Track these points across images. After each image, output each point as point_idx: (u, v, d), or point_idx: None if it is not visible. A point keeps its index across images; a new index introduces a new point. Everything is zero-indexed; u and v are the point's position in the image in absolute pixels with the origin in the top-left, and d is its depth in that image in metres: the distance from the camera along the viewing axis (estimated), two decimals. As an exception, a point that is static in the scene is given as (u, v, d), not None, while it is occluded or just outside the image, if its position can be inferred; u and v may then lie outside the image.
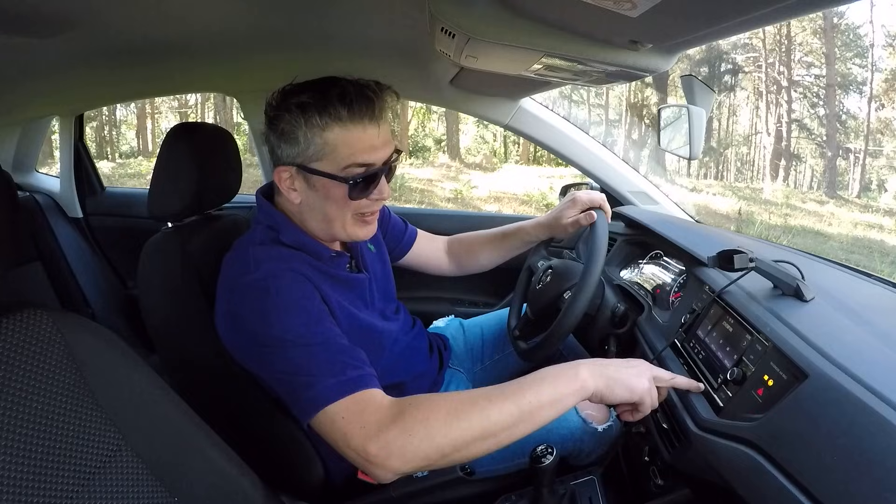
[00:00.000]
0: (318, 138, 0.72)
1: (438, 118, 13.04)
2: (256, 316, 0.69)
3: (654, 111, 12.71)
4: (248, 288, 0.71)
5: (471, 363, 1.18)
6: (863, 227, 8.43)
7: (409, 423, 0.61)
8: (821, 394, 0.53)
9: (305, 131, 0.72)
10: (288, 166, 0.75)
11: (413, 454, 0.60)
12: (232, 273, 0.76)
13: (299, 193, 0.77)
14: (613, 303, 1.00)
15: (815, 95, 12.63)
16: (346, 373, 0.66)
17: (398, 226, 1.11)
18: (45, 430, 0.45)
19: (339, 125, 0.71)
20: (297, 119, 0.71)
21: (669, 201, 1.46)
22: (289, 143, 0.73)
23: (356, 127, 0.72)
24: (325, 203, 0.76)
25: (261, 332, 0.69)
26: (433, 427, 0.61)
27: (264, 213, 0.82)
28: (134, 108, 13.43)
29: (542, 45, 0.71)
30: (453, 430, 0.61)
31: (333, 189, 0.74)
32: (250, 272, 0.73)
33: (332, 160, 0.73)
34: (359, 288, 0.88)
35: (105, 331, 0.54)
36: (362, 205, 0.77)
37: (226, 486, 0.59)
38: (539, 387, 0.64)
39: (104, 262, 1.84)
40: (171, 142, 0.92)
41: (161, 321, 0.87)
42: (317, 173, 0.73)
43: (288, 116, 0.72)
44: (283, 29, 1.07)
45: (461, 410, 0.62)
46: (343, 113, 0.70)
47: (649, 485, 0.85)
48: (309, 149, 0.72)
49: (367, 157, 0.73)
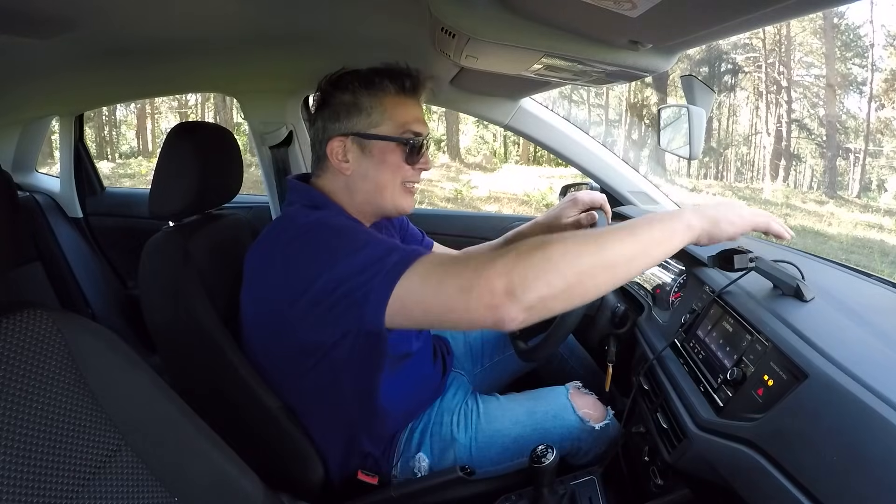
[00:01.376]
0: (380, 105, 0.79)
1: (438, 118, 13.03)
2: (319, 248, 0.67)
3: (654, 111, 12.71)
4: (302, 229, 0.70)
5: (471, 364, 1.18)
6: (863, 227, 8.42)
7: (523, 250, 0.59)
8: (821, 394, 0.53)
9: (369, 98, 0.79)
10: (342, 137, 0.80)
11: (534, 280, 0.56)
12: (275, 232, 0.75)
13: (351, 164, 0.81)
14: (613, 303, 1.00)
15: (815, 95, 12.62)
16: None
17: (415, 235, 1.12)
18: (45, 430, 0.45)
19: (400, 96, 0.80)
20: (361, 90, 0.79)
21: (669, 201, 1.46)
22: (348, 115, 0.80)
23: (411, 99, 0.82)
24: (380, 169, 0.81)
25: (326, 255, 0.66)
26: (551, 252, 0.58)
27: (301, 194, 0.82)
28: (134, 108, 13.42)
29: (542, 45, 0.71)
30: (572, 257, 0.58)
31: (390, 154, 0.80)
32: (300, 220, 0.72)
33: (391, 125, 0.80)
34: None
35: (105, 331, 0.54)
36: (411, 172, 0.83)
37: (226, 486, 0.59)
38: (650, 225, 0.64)
39: (104, 262, 1.84)
40: (172, 141, 0.92)
41: (161, 321, 0.87)
42: (377, 137, 0.80)
43: (350, 90, 0.79)
44: (283, 29, 1.07)
45: (576, 243, 0.60)
46: (407, 84, 0.80)
47: (649, 485, 0.85)
48: (372, 115, 0.79)
49: (418, 126, 0.82)
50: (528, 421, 0.93)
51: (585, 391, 1.00)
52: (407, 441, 0.93)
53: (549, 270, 0.57)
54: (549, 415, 0.94)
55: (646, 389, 0.90)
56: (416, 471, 0.90)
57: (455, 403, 0.98)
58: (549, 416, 0.93)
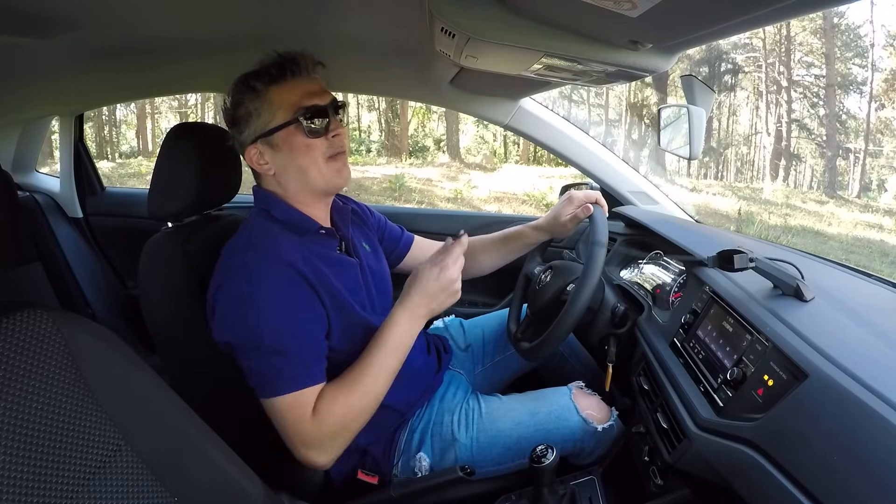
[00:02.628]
0: (264, 103, 0.81)
1: (438, 118, 13.03)
2: (233, 304, 0.76)
3: (654, 111, 12.70)
4: (234, 270, 0.78)
5: (471, 364, 1.18)
6: (863, 226, 8.42)
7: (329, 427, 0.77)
8: (821, 394, 0.53)
9: (253, 101, 0.81)
10: (252, 145, 0.83)
11: (338, 440, 0.78)
12: (226, 253, 0.82)
13: (270, 164, 0.84)
14: (613, 303, 1.00)
15: (815, 95, 12.62)
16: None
17: (394, 231, 1.12)
18: (45, 430, 0.45)
19: (275, 85, 0.81)
20: (243, 96, 0.81)
21: (669, 201, 1.46)
22: (245, 123, 0.82)
23: (293, 80, 0.82)
24: (293, 156, 0.82)
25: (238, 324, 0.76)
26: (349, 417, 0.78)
27: (258, 197, 0.87)
28: (134, 108, 13.42)
29: (542, 45, 0.71)
30: (356, 413, 0.79)
31: (292, 138, 0.81)
32: (240, 254, 0.79)
33: (282, 113, 0.81)
34: (350, 270, 0.89)
35: (105, 331, 0.54)
36: (325, 144, 0.83)
37: (226, 486, 0.59)
38: (395, 351, 0.81)
39: (104, 262, 1.84)
40: (171, 142, 0.92)
41: (161, 321, 0.87)
42: (273, 131, 0.81)
43: (240, 101, 0.82)
44: (283, 29, 1.07)
45: (347, 398, 0.78)
46: (273, 72, 0.81)
47: (649, 485, 0.85)
48: (262, 115, 0.81)
49: (310, 100, 0.81)
50: (530, 422, 0.93)
51: (588, 391, 1.00)
52: (408, 440, 0.93)
53: (348, 431, 0.79)
54: (552, 416, 0.94)
55: (646, 389, 0.90)
56: (417, 470, 0.90)
57: (455, 403, 0.98)
58: (552, 417, 0.93)
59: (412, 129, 13.25)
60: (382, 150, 12.79)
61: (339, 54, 1.19)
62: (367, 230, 1.04)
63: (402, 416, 0.95)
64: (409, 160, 11.17)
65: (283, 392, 0.74)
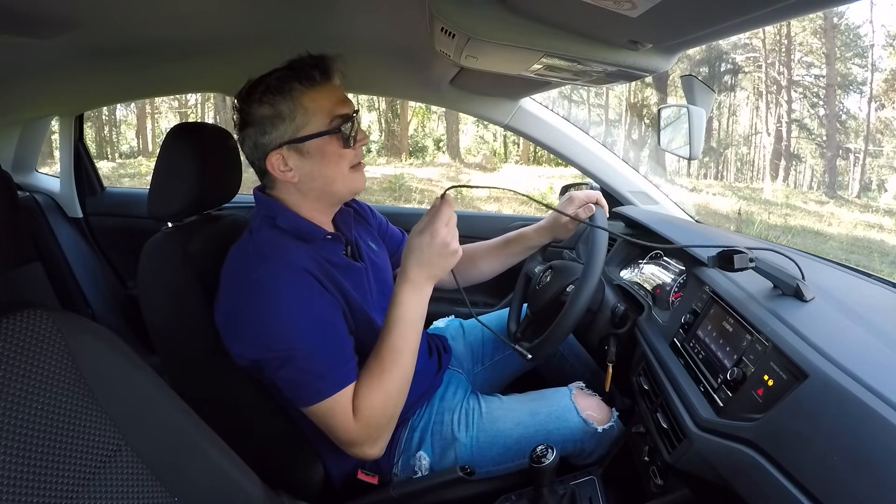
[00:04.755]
0: (300, 106, 0.77)
1: (438, 118, 13.03)
2: (257, 320, 0.74)
3: (654, 111, 12.71)
4: (251, 287, 0.74)
5: (471, 364, 1.18)
6: (863, 227, 8.42)
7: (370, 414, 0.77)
8: (821, 394, 0.53)
9: (286, 103, 0.77)
10: (277, 149, 0.79)
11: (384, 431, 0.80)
12: (235, 266, 0.79)
13: (295, 171, 0.80)
14: (613, 303, 1.00)
15: (815, 95, 12.62)
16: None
17: (395, 235, 1.12)
18: (45, 430, 0.45)
19: (313, 88, 0.78)
20: (277, 98, 0.77)
21: (669, 201, 1.46)
22: (273, 126, 0.78)
23: (326, 85, 0.79)
24: (323, 164, 0.80)
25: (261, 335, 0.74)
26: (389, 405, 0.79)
27: (261, 203, 0.85)
28: (134, 108, 13.43)
29: (542, 45, 0.71)
30: (396, 396, 0.79)
31: (328, 147, 0.79)
32: (252, 268, 0.76)
33: (317, 121, 0.78)
34: (357, 275, 0.89)
35: (105, 331, 0.54)
36: (353, 154, 0.82)
37: (226, 486, 0.59)
38: (412, 325, 0.78)
39: (104, 262, 1.84)
40: (171, 142, 0.92)
41: (161, 321, 0.86)
42: (309, 137, 0.78)
43: (266, 101, 0.77)
44: (283, 29, 1.07)
45: (381, 384, 0.77)
46: (315, 74, 0.78)
47: (649, 485, 0.85)
48: (296, 119, 0.78)
49: (343, 108, 0.80)
50: (530, 422, 0.93)
51: (589, 392, 1.00)
52: (408, 440, 0.93)
53: (390, 417, 0.80)
54: (552, 416, 0.94)
55: (646, 389, 0.90)
56: (417, 469, 0.90)
57: (456, 402, 0.98)
58: (553, 418, 0.93)
59: (412, 130, 13.25)
60: (382, 150, 12.79)
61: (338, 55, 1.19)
62: (371, 228, 1.04)
63: (402, 415, 0.95)
64: (409, 160, 11.16)
65: (324, 396, 0.74)
